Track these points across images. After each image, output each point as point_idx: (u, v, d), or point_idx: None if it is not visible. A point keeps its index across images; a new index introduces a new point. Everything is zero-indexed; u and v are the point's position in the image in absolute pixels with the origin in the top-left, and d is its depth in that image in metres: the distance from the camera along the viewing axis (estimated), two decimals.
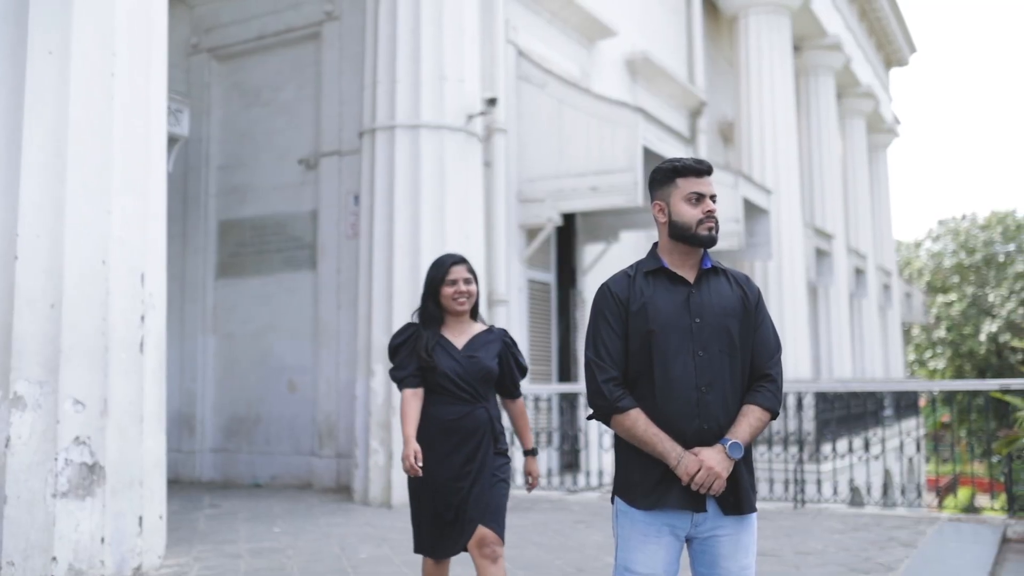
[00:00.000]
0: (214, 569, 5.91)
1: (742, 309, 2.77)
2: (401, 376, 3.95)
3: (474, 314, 4.04)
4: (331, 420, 10.30)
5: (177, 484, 9.95)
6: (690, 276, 2.79)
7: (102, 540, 5.39)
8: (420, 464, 3.75)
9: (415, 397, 3.91)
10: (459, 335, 3.95)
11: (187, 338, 11.36)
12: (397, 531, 7.17)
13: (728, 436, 2.66)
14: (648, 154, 10.57)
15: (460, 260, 3.98)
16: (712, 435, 2.67)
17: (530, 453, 4.12)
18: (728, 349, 2.72)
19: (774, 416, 2.73)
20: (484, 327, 4.04)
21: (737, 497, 2.69)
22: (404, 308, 8.58)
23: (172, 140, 8.79)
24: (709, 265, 2.82)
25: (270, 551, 6.50)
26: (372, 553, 6.38)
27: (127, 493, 5.56)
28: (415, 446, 3.80)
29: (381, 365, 8.63)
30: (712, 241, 2.77)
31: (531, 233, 10.96)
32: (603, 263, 12.15)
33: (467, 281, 3.94)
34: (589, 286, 12.15)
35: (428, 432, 3.85)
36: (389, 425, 8.51)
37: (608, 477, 9.91)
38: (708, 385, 2.68)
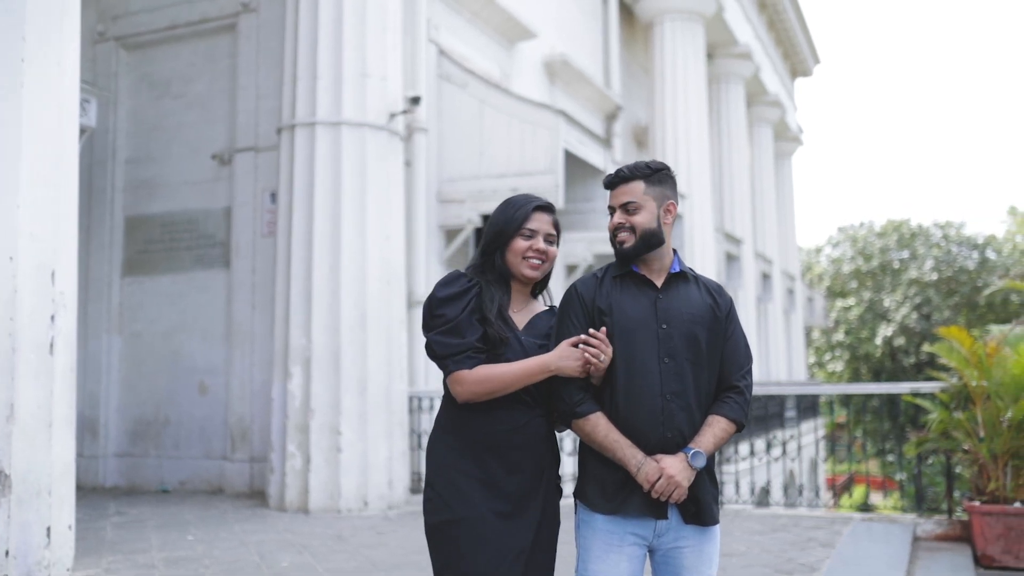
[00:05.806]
0: None
1: (711, 317, 2.72)
2: (456, 348, 2.70)
3: (538, 289, 2.96)
4: (244, 423, 10.01)
5: (79, 490, 9.41)
6: (658, 280, 2.74)
7: (7, 553, 5.08)
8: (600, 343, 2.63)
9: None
10: (517, 312, 2.85)
11: (90, 338, 10.91)
12: (317, 538, 7.00)
13: (691, 445, 2.61)
14: (569, 156, 10.58)
15: (547, 207, 2.87)
16: (675, 444, 2.62)
17: None
18: (695, 357, 2.66)
19: (740, 428, 2.68)
20: (545, 307, 2.95)
21: (699, 507, 2.64)
22: (324, 309, 8.39)
23: (79, 131, 8.41)
24: (677, 269, 2.77)
25: (185, 560, 6.25)
26: (294, 561, 6.18)
27: (34, 503, 5.25)
28: (579, 341, 2.63)
29: (299, 367, 8.42)
30: (622, 253, 2.73)
31: (450, 234, 10.85)
32: None
33: (549, 239, 2.84)
34: None
35: (471, 451, 2.71)
36: (307, 428, 8.31)
37: None
38: (673, 393, 2.62)
